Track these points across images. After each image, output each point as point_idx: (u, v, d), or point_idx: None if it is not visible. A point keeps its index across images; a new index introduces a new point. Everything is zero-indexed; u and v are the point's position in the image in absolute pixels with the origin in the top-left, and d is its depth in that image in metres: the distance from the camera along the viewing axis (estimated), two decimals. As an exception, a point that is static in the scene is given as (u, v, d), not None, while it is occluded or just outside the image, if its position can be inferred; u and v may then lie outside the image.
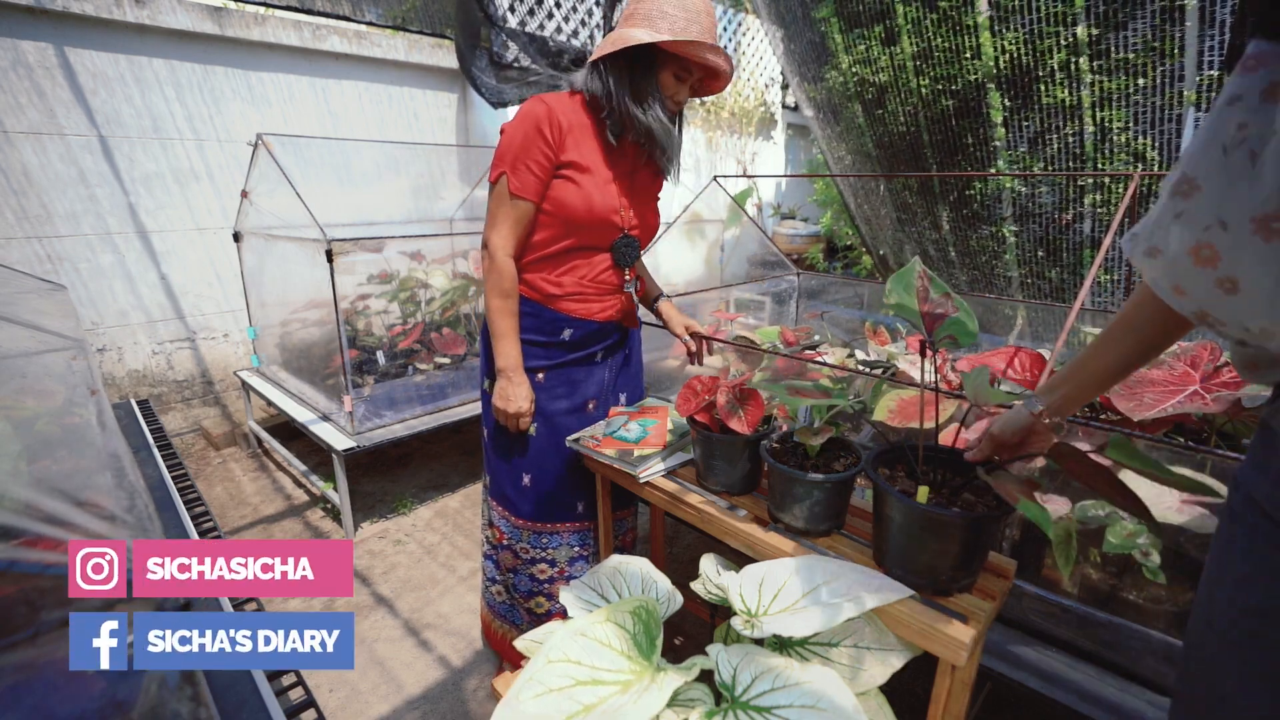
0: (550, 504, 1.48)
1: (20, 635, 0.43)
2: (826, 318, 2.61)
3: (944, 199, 3.13)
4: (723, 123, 6.17)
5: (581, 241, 1.32)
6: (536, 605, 1.56)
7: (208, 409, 3.39)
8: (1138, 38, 2.35)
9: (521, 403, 1.35)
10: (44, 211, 2.74)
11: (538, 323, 1.38)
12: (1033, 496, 0.82)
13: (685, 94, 1.30)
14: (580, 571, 1.56)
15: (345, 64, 3.50)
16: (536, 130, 1.22)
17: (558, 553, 1.52)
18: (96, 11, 2.68)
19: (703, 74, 1.28)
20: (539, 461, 1.45)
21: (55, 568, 0.43)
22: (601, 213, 1.28)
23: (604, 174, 1.28)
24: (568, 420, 1.45)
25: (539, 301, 1.36)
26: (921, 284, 0.94)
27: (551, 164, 1.25)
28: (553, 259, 1.33)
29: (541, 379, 1.42)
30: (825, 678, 0.83)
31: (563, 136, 1.23)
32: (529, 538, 1.51)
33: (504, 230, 1.28)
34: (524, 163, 1.23)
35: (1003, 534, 1.37)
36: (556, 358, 1.40)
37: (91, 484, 0.68)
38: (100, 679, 0.44)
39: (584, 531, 1.54)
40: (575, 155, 1.25)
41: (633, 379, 1.57)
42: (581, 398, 1.46)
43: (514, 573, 1.55)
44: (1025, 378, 1.41)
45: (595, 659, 0.87)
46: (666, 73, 1.25)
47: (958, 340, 0.90)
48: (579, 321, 1.38)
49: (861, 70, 3.15)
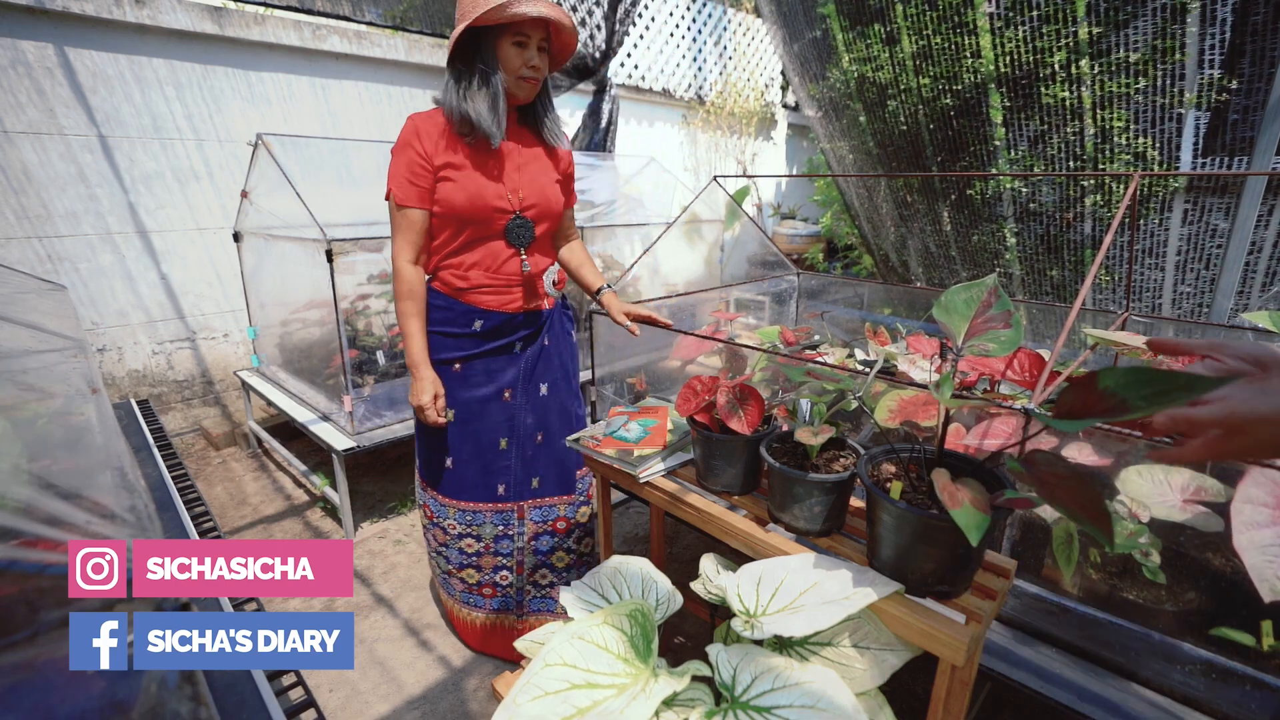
0: (471, 485, 1.58)
1: (20, 635, 0.43)
2: (826, 318, 2.61)
3: (944, 198, 3.13)
4: (723, 123, 6.17)
5: (476, 233, 1.41)
6: (468, 576, 1.68)
7: (208, 409, 3.39)
8: (1139, 37, 2.35)
9: (423, 397, 1.43)
10: (44, 211, 2.74)
11: (451, 315, 1.47)
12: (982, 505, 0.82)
13: (541, 59, 1.35)
14: (505, 549, 1.65)
15: (345, 64, 3.50)
16: (409, 146, 1.35)
17: (483, 529, 1.62)
18: (96, 11, 2.68)
19: (540, 32, 1.32)
20: (458, 446, 1.55)
21: (55, 568, 0.43)
22: (482, 201, 1.37)
23: (480, 166, 1.38)
24: (483, 408, 1.53)
25: (451, 295, 1.46)
26: (989, 298, 0.95)
27: (429, 171, 1.36)
28: (457, 254, 1.43)
29: (459, 369, 1.50)
30: (825, 678, 0.83)
31: (432, 145, 1.35)
32: (455, 514, 1.61)
33: (401, 240, 1.40)
34: (404, 176, 1.35)
35: (1003, 534, 1.37)
36: (471, 348, 1.49)
37: (91, 484, 0.68)
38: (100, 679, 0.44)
39: (507, 513, 1.62)
40: (448, 157, 1.36)
41: (555, 369, 1.62)
42: (497, 387, 1.53)
43: (445, 547, 1.66)
44: (1025, 378, 1.40)
45: (592, 662, 0.87)
46: (505, 47, 1.30)
47: (991, 350, 0.90)
48: (488, 313, 1.47)
49: (863, 69, 3.15)
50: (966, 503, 0.82)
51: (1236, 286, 2.41)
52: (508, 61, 1.31)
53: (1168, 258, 2.56)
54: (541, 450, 1.62)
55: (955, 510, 0.81)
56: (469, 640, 1.82)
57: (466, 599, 1.71)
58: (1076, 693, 1.13)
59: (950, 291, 0.97)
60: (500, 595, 1.69)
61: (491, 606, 1.70)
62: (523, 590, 1.69)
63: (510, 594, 1.69)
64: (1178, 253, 2.53)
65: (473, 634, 1.78)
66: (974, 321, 0.93)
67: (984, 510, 0.82)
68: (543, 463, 1.62)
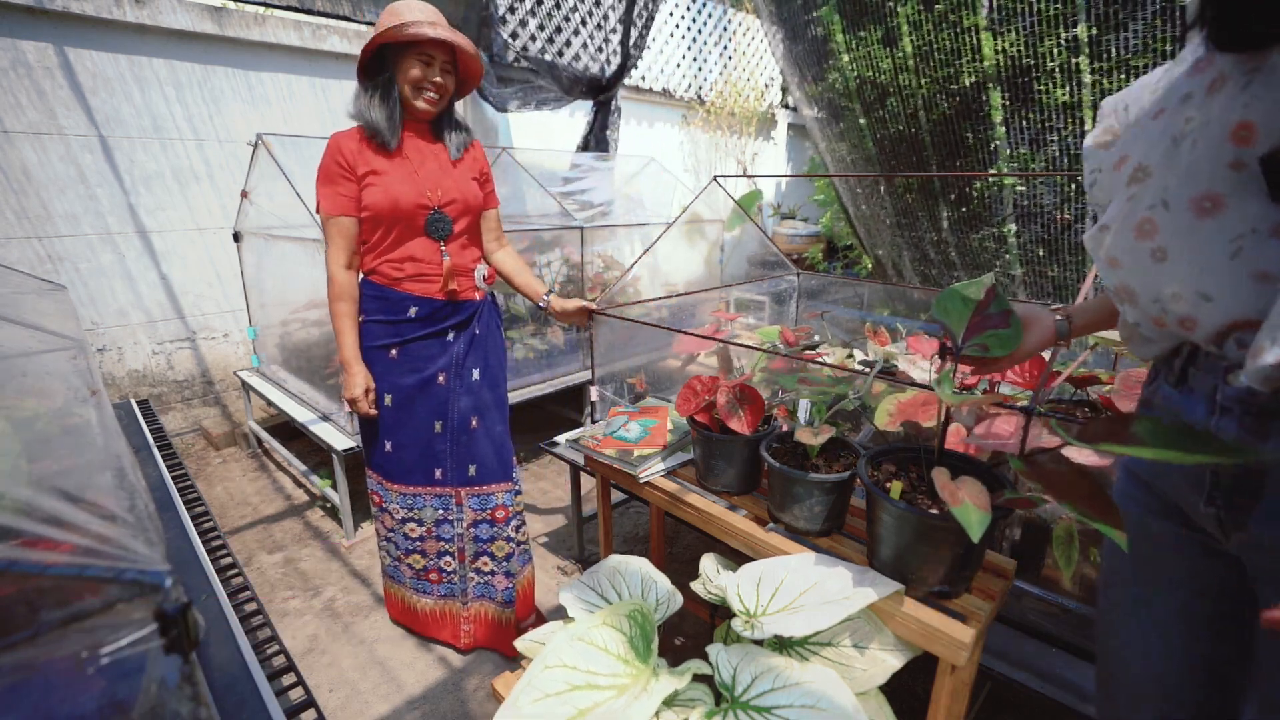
0: (410, 469, 1.66)
1: (20, 635, 0.42)
2: (826, 318, 2.61)
3: (944, 198, 3.13)
4: (723, 123, 6.17)
5: (402, 231, 1.52)
6: (414, 561, 1.75)
7: (208, 409, 3.39)
8: (1138, 39, 2.35)
9: (356, 390, 1.55)
10: (44, 211, 2.74)
11: (387, 304, 1.56)
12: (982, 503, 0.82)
13: (445, 77, 1.50)
14: (447, 534, 1.72)
15: (345, 64, 3.50)
16: (333, 161, 1.47)
17: (423, 513, 1.70)
18: (96, 11, 2.68)
19: (443, 54, 1.48)
20: (395, 430, 1.63)
21: (55, 568, 0.43)
22: (403, 200, 1.49)
23: (398, 171, 1.50)
24: (418, 392, 1.61)
25: (386, 285, 1.55)
26: (987, 298, 0.95)
27: (353, 181, 1.48)
28: (389, 249, 1.54)
29: (394, 355, 1.58)
30: (825, 677, 0.83)
31: (353, 157, 1.47)
32: (398, 499, 1.69)
33: (333, 248, 1.52)
34: (330, 188, 1.48)
35: (1003, 534, 1.37)
36: (406, 333, 1.57)
37: (91, 484, 0.68)
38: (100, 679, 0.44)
39: (445, 496, 1.69)
40: (370, 166, 1.48)
41: (485, 355, 1.70)
42: (432, 371, 1.61)
43: (392, 532, 1.74)
44: (1025, 378, 1.41)
45: (592, 663, 0.87)
46: (408, 61, 1.45)
47: (990, 349, 0.90)
48: (422, 300, 1.56)
49: (862, 70, 3.15)
50: (967, 500, 0.82)
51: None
52: (407, 75, 1.45)
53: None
54: (477, 436, 1.68)
55: (956, 508, 0.81)
56: (412, 625, 1.88)
57: (416, 585, 1.79)
58: (1076, 693, 1.13)
59: (949, 290, 0.97)
60: (446, 581, 1.76)
61: (439, 592, 1.78)
62: (466, 577, 1.76)
63: (455, 580, 1.76)
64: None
65: (421, 620, 1.84)
66: (973, 320, 0.93)
67: (984, 508, 0.82)
68: (480, 449, 1.69)
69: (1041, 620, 1.25)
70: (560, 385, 3.06)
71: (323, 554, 2.34)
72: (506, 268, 1.76)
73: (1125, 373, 1.27)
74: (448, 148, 1.60)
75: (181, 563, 1.25)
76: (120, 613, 0.44)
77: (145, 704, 0.45)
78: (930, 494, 1.00)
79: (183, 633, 0.45)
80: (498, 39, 3.62)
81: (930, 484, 0.98)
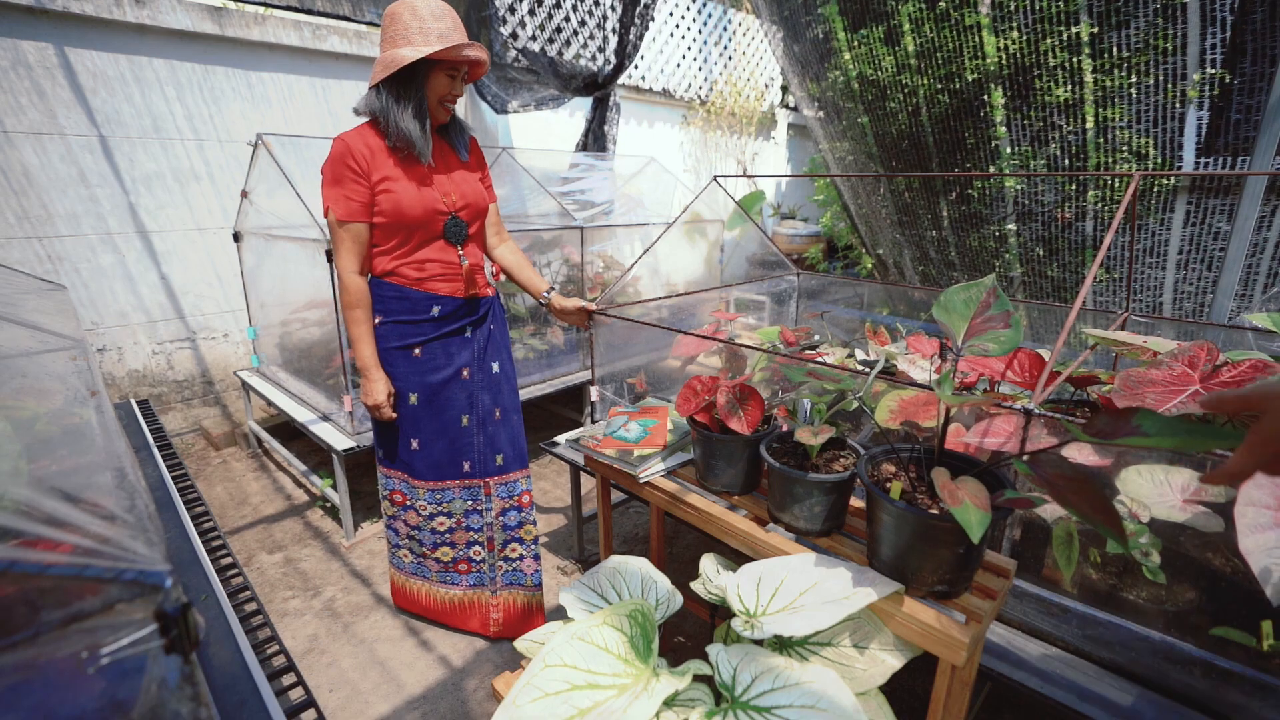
0: (440, 464, 1.67)
1: (20, 635, 0.43)
2: (826, 318, 2.61)
3: (944, 197, 3.13)
4: (723, 123, 6.17)
5: (421, 235, 1.52)
6: (443, 554, 1.77)
7: (208, 409, 3.39)
8: (1139, 37, 2.35)
9: (379, 396, 1.55)
10: (44, 211, 2.74)
11: (409, 304, 1.55)
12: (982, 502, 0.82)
13: (460, 87, 1.50)
14: (476, 524, 1.74)
15: (345, 64, 3.50)
16: (344, 165, 1.43)
17: (453, 505, 1.72)
18: (96, 11, 2.68)
19: (469, 65, 1.47)
20: (423, 427, 1.64)
21: (56, 568, 0.43)
22: (421, 206, 1.48)
23: (413, 176, 1.49)
24: (445, 388, 1.63)
25: (408, 286, 1.54)
26: (988, 299, 0.95)
27: (367, 186, 1.45)
28: (409, 253, 1.53)
29: (419, 354, 1.59)
30: (825, 677, 0.83)
31: (367, 162, 1.44)
32: (425, 495, 1.70)
33: (345, 253, 1.50)
34: (342, 194, 1.44)
35: (1003, 534, 1.37)
36: (430, 332, 1.58)
37: (91, 484, 0.68)
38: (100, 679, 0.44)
39: (474, 488, 1.72)
40: (384, 172, 1.46)
41: (500, 349, 1.74)
42: (456, 367, 1.63)
43: (418, 529, 1.75)
44: (1025, 378, 1.40)
45: (592, 663, 0.87)
46: (439, 77, 1.44)
47: (990, 350, 0.90)
48: (444, 299, 1.57)
49: (863, 68, 3.15)
50: (967, 500, 0.82)
51: (1238, 287, 2.41)
52: (438, 89, 1.46)
53: (1169, 257, 2.56)
54: (500, 426, 1.72)
55: (956, 508, 0.81)
56: (438, 618, 1.89)
57: (443, 578, 1.80)
58: (1076, 693, 1.13)
59: (949, 291, 0.97)
60: (475, 571, 1.78)
61: (468, 583, 1.80)
62: (495, 566, 1.78)
63: (484, 569, 1.78)
64: (1179, 252, 2.53)
65: (448, 611, 1.85)
66: (973, 321, 0.93)
67: (984, 508, 0.82)
68: (504, 439, 1.72)
69: (1041, 620, 1.25)
70: (560, 385, 3.06)
71: (323, 554, 2.34)
72: (508, 263, 1.77)
73: (1125, 373, 1.26)
74: (454, 148, 1.60)
75: (181, 563, 1.25)
76: (120, 613, 0.44)
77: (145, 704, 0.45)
78: (930, 494, 1.00)
79: (183, 633, 0.45)
80: (497, 38, 3.62)
81: (930, 484, 0.98)
